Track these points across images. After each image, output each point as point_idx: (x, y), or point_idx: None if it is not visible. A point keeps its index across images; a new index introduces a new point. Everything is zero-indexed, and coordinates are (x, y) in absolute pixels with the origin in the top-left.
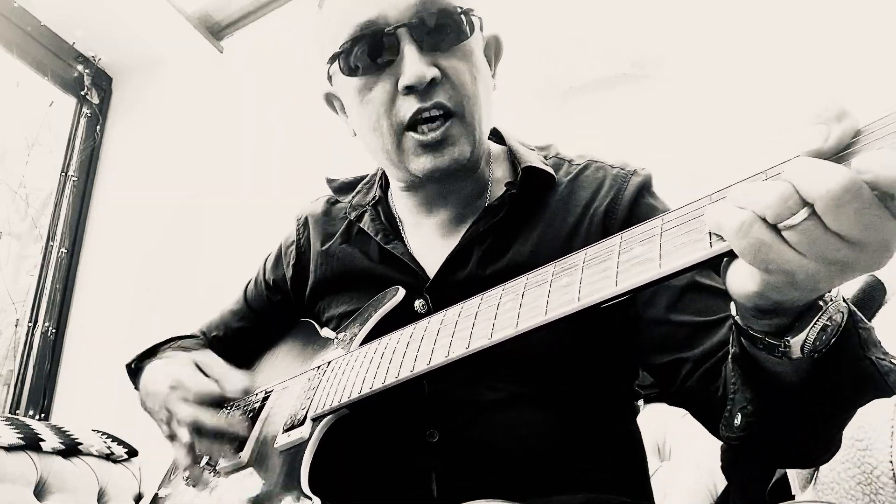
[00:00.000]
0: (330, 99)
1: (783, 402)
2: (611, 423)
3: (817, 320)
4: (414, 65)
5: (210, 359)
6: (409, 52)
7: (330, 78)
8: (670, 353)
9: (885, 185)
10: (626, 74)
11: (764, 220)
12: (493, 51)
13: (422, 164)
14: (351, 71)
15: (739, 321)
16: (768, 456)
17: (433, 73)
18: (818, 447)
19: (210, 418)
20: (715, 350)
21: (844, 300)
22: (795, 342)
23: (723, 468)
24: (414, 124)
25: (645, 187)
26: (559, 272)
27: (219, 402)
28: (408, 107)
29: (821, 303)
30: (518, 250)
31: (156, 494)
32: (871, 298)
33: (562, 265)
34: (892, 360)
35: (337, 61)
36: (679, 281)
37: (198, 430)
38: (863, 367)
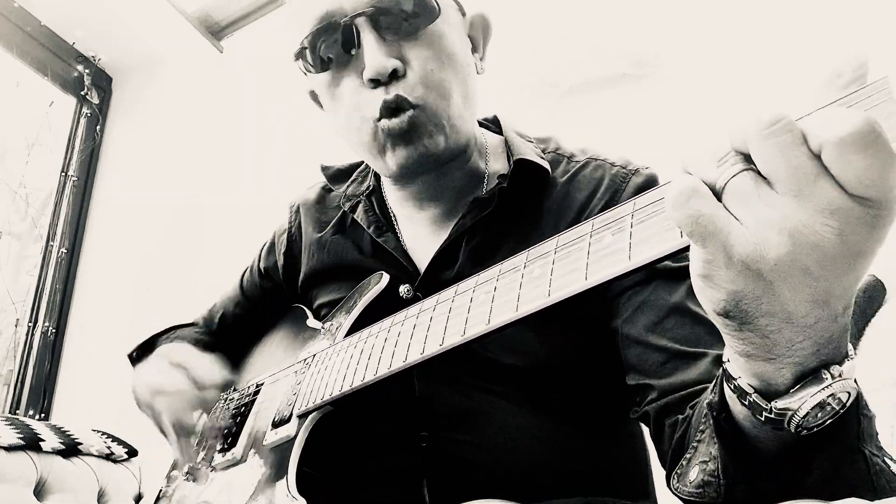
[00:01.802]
0: (314, 96)
1: (751, 473)
2: (610, 424)
3: (816, 393)
4: (373, 57)
5: (181, 355)
6: (368, 42)
7: (305, 74)
8: (639, 377)
9: (812, 133)
10: (626, 74)
11: (704, 189)
12: (481, 31)
13: (396, 157)
14: (316, 67)
15: (730, 369)
16: None
17: (393, 63)
18: None
19: (187, 421)
20: (683, 386)
21: (857, 385)
22: (784, 409)
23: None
24: (383, 115)
25: (645, 188)
26: (531, 263)
27: (197, 399)
28: (374, 99)
29: (824, 374)
30: (506, 254)
31: (159, 491)
32: (871, 298)
33: (534, 254)
34: (885, 456)
35: (301, 59)
36: (666, 300)
37: (180, 431)
38: (853, 459)
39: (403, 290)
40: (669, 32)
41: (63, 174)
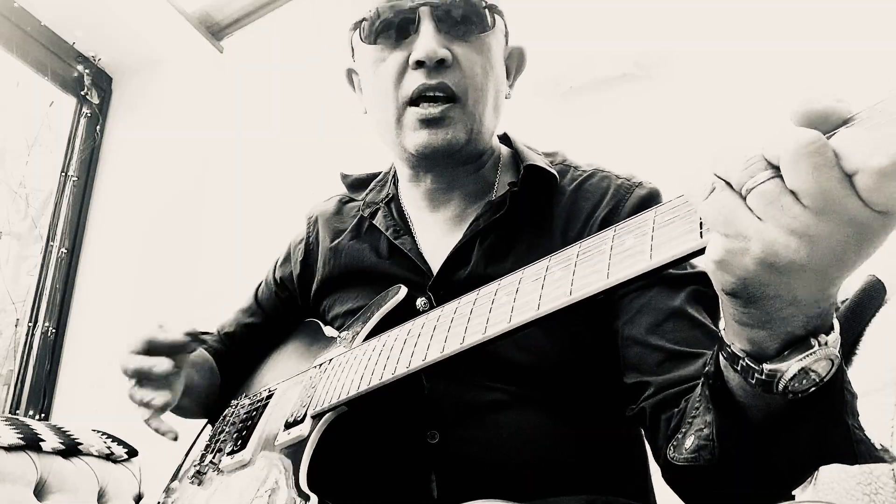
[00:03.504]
0: (350, 74)
1: (742, 436)
2: (612, 425)
3: (802, 357)
4: (427, 41)
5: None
6: (426, 29)
7: (353, 51)
8: (638, 375)
9: (848, 156)
10: (627, 75)
11: (729, 185)
12: (516, 62)
13: (417, 139)
14: (369, 40)
15: (725, 336)
16: (709, 492)
17: (444, 53)
18: (763, 497)
19: (131, 360)
20: (679, 382)
21: (839, 355)
22: (773, 371)
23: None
24: (416, 100)
25: (648, 201)
26: (554, 266)
27: (163, 349)
28: (414, 81)
29: (812, 341)
30: (519, 254)
31: (165, 490)
32: (871, 298)
33: (557, 258)
34: (865, 433)
35: (359, 29)
36: (666, 305)
37: (126, 373)
38: (837, 428)
39: (420, 302)
40: (671, 33)
41: (63, 174)
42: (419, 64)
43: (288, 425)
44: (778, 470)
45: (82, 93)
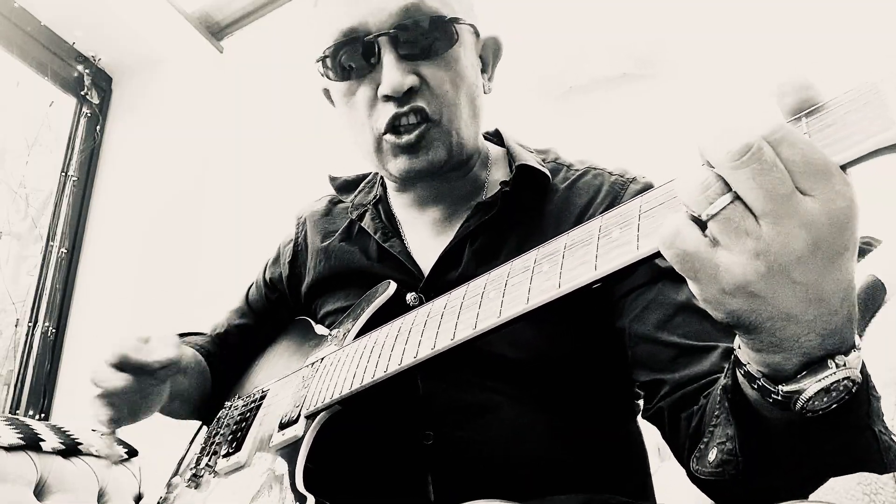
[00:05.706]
0: (327, 93)
1: (766, 448)
2: (609, 423)
3: (820, 380)
4: (391, 74)
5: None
6: (388, 60)
7: (323, 75)
8: (651, 373)
9: (788, 160)
10: (627, 74)
11: (688, 230)
12: (492, 52)
13: (398, 165)
14: (334, 75)
15: (740, 356)
16: (734, 497)
17: (411, 81)
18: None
19: (97, 371)
20: (696, 378)
21: (862, 376)
22: (790, 393)
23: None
24: (392, 128)
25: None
26: (541, 259)
27: (133, 368)
28: (385, 113)
29: (830, 363)
30: (510, 255)
31: (160, 499)
32: (871, 298)
33: (544, 251)
34: (892, 436)
35: (322, 64)
36: (673, 299)
37: (92, 381)
38: (864, 436)
39: (410, 297)
40: (671, 32)
41: (63, 174)
42: (387, 98)
43: (282, 426)
44: (803, 477)
45: (82, 93)
